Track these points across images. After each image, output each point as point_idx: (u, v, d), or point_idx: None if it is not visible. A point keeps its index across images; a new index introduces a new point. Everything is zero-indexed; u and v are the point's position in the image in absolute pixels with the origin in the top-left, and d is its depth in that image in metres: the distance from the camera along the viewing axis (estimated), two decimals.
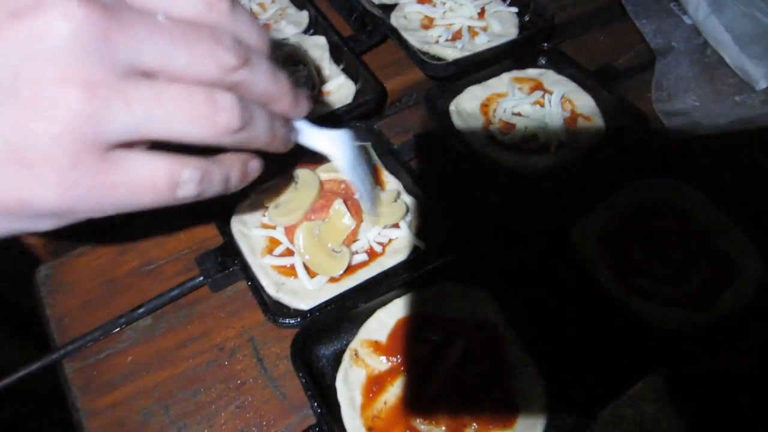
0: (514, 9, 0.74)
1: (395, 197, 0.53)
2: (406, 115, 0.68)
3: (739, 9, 0.77)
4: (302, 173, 0.53)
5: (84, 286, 0.53)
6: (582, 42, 0.79)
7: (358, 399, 0.44)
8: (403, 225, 0.53)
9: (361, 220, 0.51)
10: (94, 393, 0.47)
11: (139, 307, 0.50)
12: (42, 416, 0.70)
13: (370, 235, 0.52)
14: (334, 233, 0.50)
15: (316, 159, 0.52)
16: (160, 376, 0.48)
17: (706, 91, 0.70)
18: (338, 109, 0.61)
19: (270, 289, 0.50)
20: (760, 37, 0.73)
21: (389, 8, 0.75)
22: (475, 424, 0.43)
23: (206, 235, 0.56)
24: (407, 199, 0.56)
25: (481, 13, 0.74)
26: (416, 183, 0.56)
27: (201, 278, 0.50)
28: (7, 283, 0.64)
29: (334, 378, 0.46)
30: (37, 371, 0.47)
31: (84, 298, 0.52)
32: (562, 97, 0.65)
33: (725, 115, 0.67)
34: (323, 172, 0.54)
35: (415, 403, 0.44)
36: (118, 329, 0.49)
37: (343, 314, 0.48)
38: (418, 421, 0.43)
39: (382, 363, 0.46)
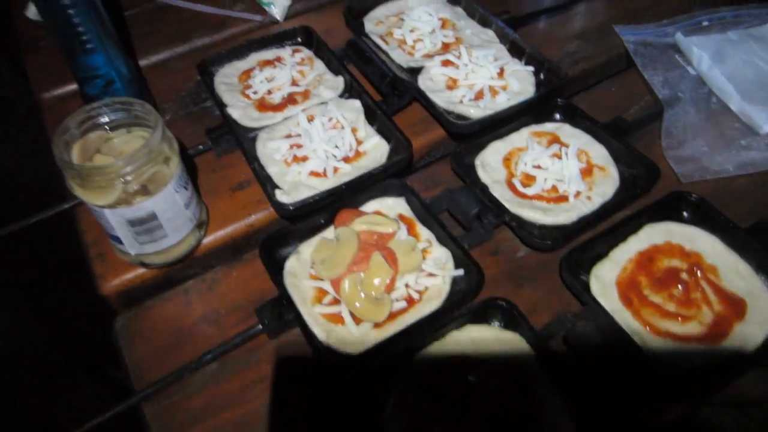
0: (531, 68, 0.81)
1: (413, 246, 0.59)
2: (434, 169, 0.75)
3: (740, 58, 0.83)
4: (342, 230, 0.60)
5: (156, 334, 0.60)
6: (595, 94, 0.85)
7: None
8: (438, 273, 0.59)
9: (398, 270, 0.58)
10: None
11: (207, 353, 0.56)
12: None
13: (408, 282, 0.58)
14: (374, 283, 0.56)
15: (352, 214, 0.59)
16: (229, 416, 0.54)
17: (714, 137, 0.76)
18: (375, 169, 0.68)
19: (321, 335, 0.56)
20: (762, 84, 0.79)
21: (416, 71, 0.83)
22: None
23: (262, 287, 0.62)
24: (440, 249, 0.62)
25: (501, 73, 0.80)
26: (446, 235, 0.62)
27: (260, 327, 0.57)
28: (85, 332, 0.71)
29: None
30: (119, 414, 0.54)
31: (157, 346, 0.59)
32: (578, 149, 0.71)
33: (733, 159, 0.72)
34: (358, 225, 0.61)
35: None
36: (188, 374, 0.56)
37: (389, 358, 0.54)
38: None
39: (423, 404, 0.51)
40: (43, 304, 0.75)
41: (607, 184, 0.68)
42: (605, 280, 0.59)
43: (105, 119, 0.58)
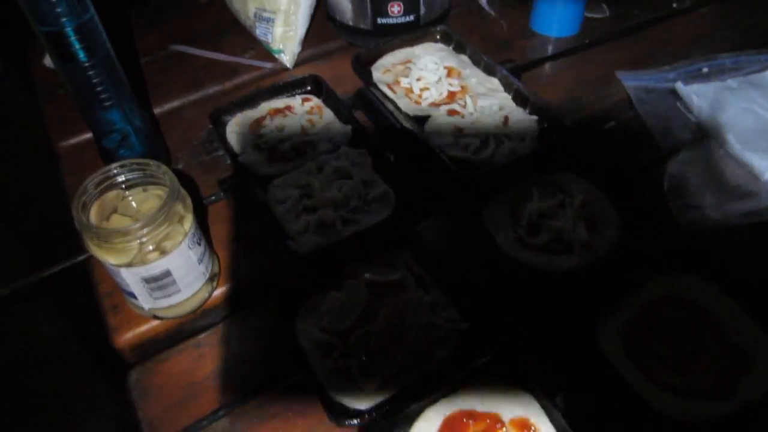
0: (535, 117, 0.83)
1: (420, 300, 0.61)
2: (443, 220, 0.76)
3: (739, 106, 0.84)
4: (350, 283, 0.61)
5: (169, 389, 0.61)
6: (597, 140, 0.87)
7: None
8: (446, 325, 0.60)
9: (404, 324, 0.59)
10: None
11: (219, 409, 0.57)
12: None
13: (417, 334, 0.59)
14: (383, 336, 0.57)
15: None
16: None
17: (717, 186, 0.77)
18: (382, 219, 0.70)
19: (331, 390, 0.57)
20: (762, 131, 0.80)
21: (423, 120, 0.85)
22: None
23: (274, 339, 0.63)
24: (450, 301, 0.63)
25: (505, 122, 0.82)
26: (456, 285, 0.63)
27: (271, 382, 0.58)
28: (100, 382, 0.72)
29: None
30: None
31: (170, 401, 0.60)
32: (581, 199, 0.72)
33: (736, 208, 0.73)
34: (365, 275, 0.62)
35: None
36: (201, 431, 0.57)
37: (398, 413, 0.54)
38: None
39: None
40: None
41: (610, 234, 0.69)
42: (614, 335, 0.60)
43: (122, 179, 0.60)
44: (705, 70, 0.95)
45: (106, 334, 0.65)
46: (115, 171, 0.60)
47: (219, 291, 0.69)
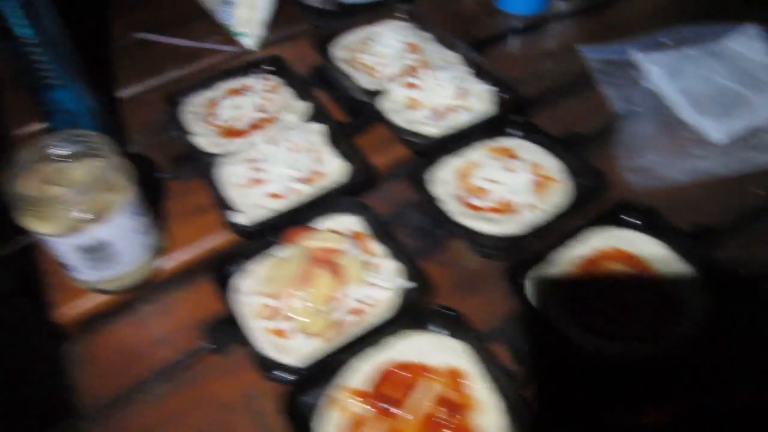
0: (491, 88, 0.82)
1: (360, 260, 0.60)
2: (394, 188, 0.75)
3: (696, 73, 0.85)
4: (290, 247, 0.61)
5: (104, 358, 0.60)
6: (557, 111, 0.86)
7: None
8: (386, 286, 0.60)
9: (344, 284, 0.58)
10: None
11: (152, 374, 0.57)
12: None
13: (355, 295, 0.59)
14: (319, 297, 0.57)
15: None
16: None
17: (668, 148, 0.77)
18: (330, 189, 0.69)
19: (267, 350, 0.56)
20: (715, 96, 0.80)
21: (379, 93, 0.84)
22: None
23: (213, 306, 0.62)
24: (392, 263, 0.63)
25: (462, 93, 0.82)
26: (397, 249, 0.63)
27: (205, 346, 0.57)
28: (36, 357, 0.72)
29: None
30: None
31: (105, 369, 0.59)
32: (531, 162, 0.71)
33: (686, 169, 0.73)
34: (309, 241, 0.61)
35: None
36: (133, 395, 0.56)
37: (329, 367, 0.54)
38: None
39: (360, 408, 0.51)
40: None
41: (558, 195, 0.68)
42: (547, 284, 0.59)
43: (58, 151, 0.60)
44: (665, 41, 0.94)
45: (47, 306, 0.65)
46: (50, 141, 0.59)
47: (167, 264, 0.68)
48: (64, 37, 0.71)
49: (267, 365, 0.54)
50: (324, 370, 0.53)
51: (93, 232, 0.57)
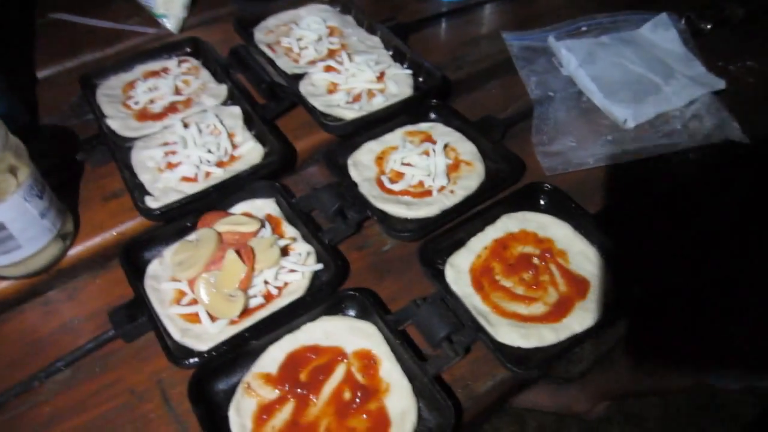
0: (409, 71, 0.83)
1: (271, 243, 0.60)
2: (312, 172, 0.76)
3: (609, 60, 0.87)
4: (202, 231, 0.60)
5: (9, 348, 0.58)
6: (477, 96, 0.88)
7: (249, 425, 0.50)
8: (298, 268, 0.60)
9: (253, 268, 0.58)
10: None
11: (57, 361, 0.55)
12: None
13: (266, 278, 0.59)
14: (228, 280, 0.56)
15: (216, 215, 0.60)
16: (76, 422, 0.53)
17: (582, 133, 0.79)
18: (243, 171, 0.69)
19: (176, 335, 0.56)
20: (627, 83, 0.83)
21: (300, 77, 0.84)
22: None
23: (124, 292, 0.61)
24: (304, 246, 0.63)
25: (380, 77, 0.83)
26: (311, 232, 0.63)
27: (113, 331, 0.56)
28: None
29: None
30: None
31: (10, 359, 0.58)
32: (446, 146, 0.73)
33: (595, 153, 0.76)
34: (220, 226, 0.61)
35: (299, 424, 0.49)
36: (37, 383, 0.55)
37: (239, 352, 0.54)
38: None
39: (271, 392, 0.52)
40: None
41: (472, 178, 0.70)
42: (460, 267, 0.61)
43: None
44: (584, 28, 0.97)
45: None
46: None
47: (75, 249, 0.67)
48: None
49: (173, 351, 0.53)
50: (233, 355, 0.53)
51: None
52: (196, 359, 0.53)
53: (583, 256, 0.62)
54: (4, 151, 0.55)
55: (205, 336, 0.56)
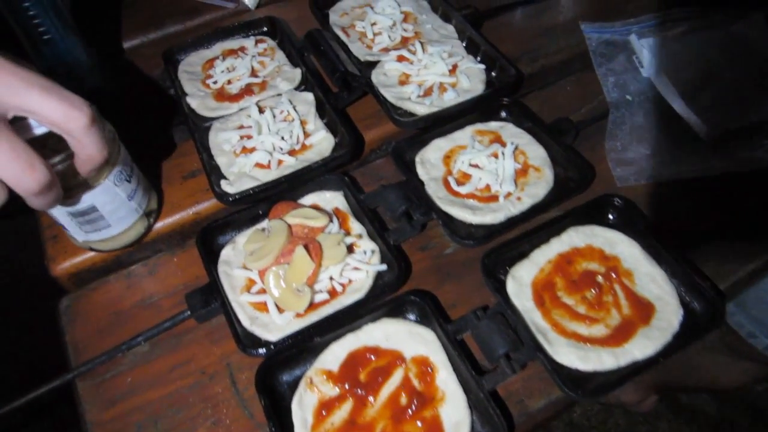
0: (483, 66, 0.82)
1: (339, 241, 0.62)
2: (379, 165, 0.77)
3: (695, 63, 0.83)
4: (274, 222, 0.63)
5: (96, 316, 0.64)
6: (549, 93, 0.86)
7: (310, 420, 0.53)
8: (363, 267, 0.62)
9: (320, 264, 0.60)
10: (99, 407, 0.57)
11: (138, 335, 0.60)
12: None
13: (332, 275, 0.61)
14: (297, 275, 0.59)
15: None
16: (153, 395, 0.58)
17: (658, 141, 0.77)
18: (316, 163, 0.70)
19: (245, 322, 0.59)
20: (713, 89, 0.79)
21: (373, 65, 0.84)
22: None
23: (199, 273, 0.65)
24: (370, 244, 0.65)
25: (453, 70, 0.82)
26: (376, 230, 0.65)
27: (188, 312, 0.60)
28: (34, 313, 0.75)
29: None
30: (56, 388, 0.58)
31: (96, 327, 0.63)
32: (516, 149, 0.72)
33: (671, 164, 0.73)
34: (290, 218, 0.63)
35: (357, 423, 0.52)
36: (120, 354, 0.60)
37: (304, 346, 0.57)
38: None
39: (332, 389, 0.55)
40: None
41: (540, 185, 0.69)
42: (522, 280, 0.61)
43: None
44: (668, 24, 0.92)
45: (44, 262, 0.68)
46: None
47: (157, 225, 0.71)
48: None
49: (243, 339, 0.57)
50: (298, 349, 0.56)
51: (81, 197, 0.59)
52: (264, 350, 0.56)
53: (650, 278, 0.61)
54: (108, 138, 0.58)
55: (272, 326, 0.59)
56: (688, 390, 1.33)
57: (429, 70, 0.81)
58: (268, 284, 0.59)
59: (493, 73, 0.82)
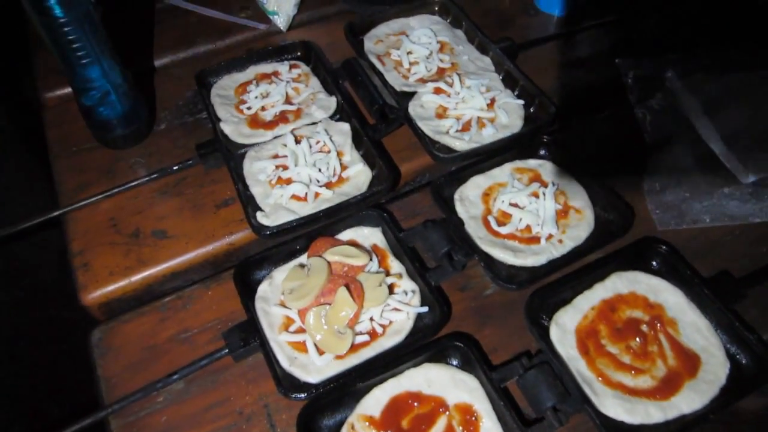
0: (521, 102, 0.81)
1: (380, 282, 0.61)
2: (416, 199, 0.76)
3: (736, 105, 0.82)
4: (313, 260, 0.62)
5: (129, 350, 0.62)
6: (586, 126, 0.85)
7: None
8: (404, 308, 0.61)
9: (362, 305, 0.59)
10: None
11: (174, 373, 0.59)
12: None
13: (373, 316, 0.60)
14: (338, 317, 0.58)
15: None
16: None
17: (697, 184, 0.76)
18: (354, 198, 0.70)
19: (284, 362, 0.58)
20: (755, 132, 0.78)
21: (409, 95, 0.83)
22: None
23: (234, 308, 0.64)
24: (410, 284, 0.64)
25: (491, 104, 0.81)
26: (416, 270, 0.64)
27: (225, 350, 0.59)
28: (65, 344, 0.74)
29: None
30: (87, 427, 0.57)
31: (129, 361, 0.62)
32: (556, 189, 0.71)
33: (712, 209, 0.72)
34: (330, 255, 0.62)
35: None
36: (155, 392, 0.58)
37: (345, 390, 0.56)
38: None
39: None
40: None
41: (581, 227, 0.68)
42: (565, 326, 0.60)
43: None
44: (706, 62, 0.92)
45: (73, 291, 0.67)
46: None
47: (189, 255, 0.70)
48: (94, 15, 0.70)
49: (283, 381, 0.56)
50: (338, 393, 0.55)
51: None
52: (305, 394, 0.55)
53: (694, 328, 0.60)
54: None
55: (311, 367, 0.58)
56: None
57: (467, 104, 0.80)
58: (309, 326, 0.58)
59: (531, 109, 0.81)
